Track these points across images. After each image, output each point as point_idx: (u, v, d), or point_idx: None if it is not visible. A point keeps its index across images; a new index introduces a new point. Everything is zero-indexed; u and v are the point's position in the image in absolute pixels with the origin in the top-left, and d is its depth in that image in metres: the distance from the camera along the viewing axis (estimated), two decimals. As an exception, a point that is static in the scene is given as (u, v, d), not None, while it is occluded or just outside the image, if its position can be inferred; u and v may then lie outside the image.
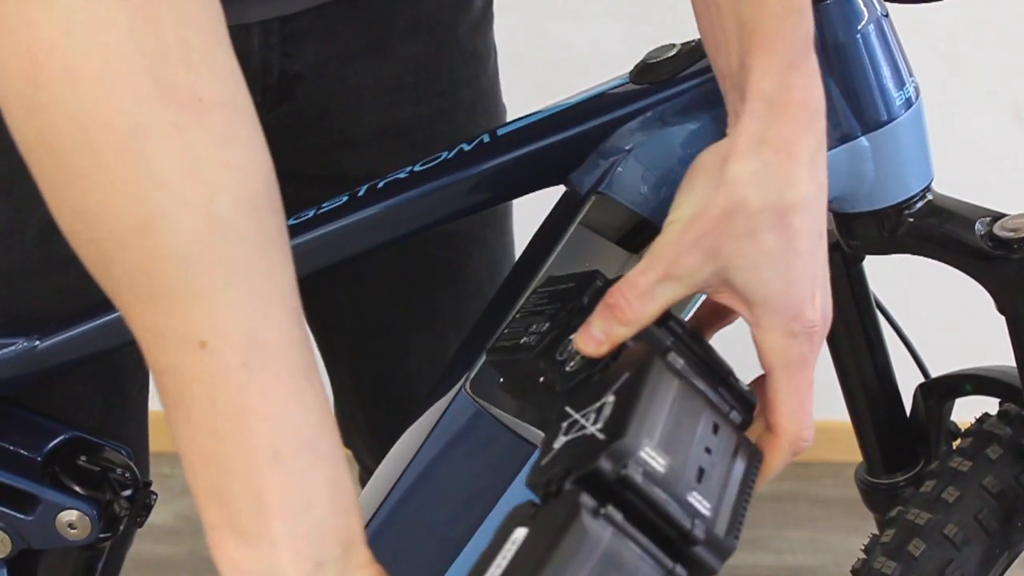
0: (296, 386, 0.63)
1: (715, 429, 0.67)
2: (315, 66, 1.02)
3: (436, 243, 0.98)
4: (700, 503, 0.63)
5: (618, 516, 0.61)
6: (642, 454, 0.61)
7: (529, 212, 0.97)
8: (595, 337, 0.72)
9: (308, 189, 0.94)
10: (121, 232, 0.61)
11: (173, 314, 0.61)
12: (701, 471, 0.64)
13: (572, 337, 0.73)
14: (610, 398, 0.67)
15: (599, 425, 0.65)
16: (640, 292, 0.71)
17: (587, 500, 0.60)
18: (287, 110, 1.02)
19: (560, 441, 0.67)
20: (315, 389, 0.64)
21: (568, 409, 0.68)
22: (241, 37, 0.97)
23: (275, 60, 1.00)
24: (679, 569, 0.62)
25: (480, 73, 1.10)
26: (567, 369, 0.72)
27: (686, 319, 0.80)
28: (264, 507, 0.62)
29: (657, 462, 0.62)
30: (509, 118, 0.93)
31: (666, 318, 0.71)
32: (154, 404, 1.13)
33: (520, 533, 0.61)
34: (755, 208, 0.70)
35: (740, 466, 0.67)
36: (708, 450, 0.65)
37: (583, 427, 0.66)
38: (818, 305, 0.71)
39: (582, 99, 0.91)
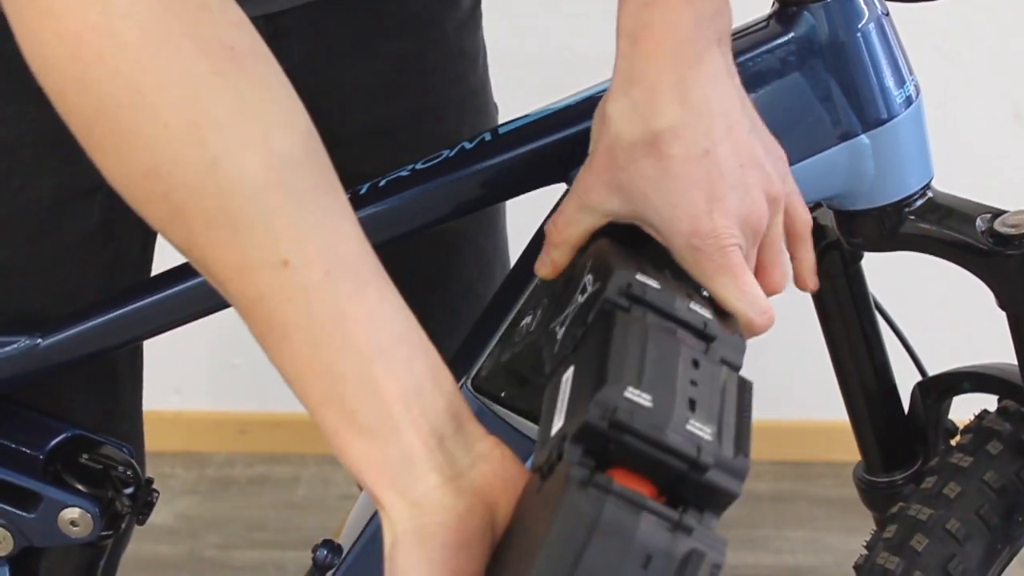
0: (378, 286, 0.68)
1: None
2: (301, 64, 1.02)
3: (426, 242, 0.99)
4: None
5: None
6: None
7: (528, 212, 0.97)
8: (540, 259, 0.82)
9: None
10: (192, 179, 0.66)
11: (253, 243, 0.66)
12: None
13: (566, 311, 0.75)
14: (588, 278, 0.72)
15: (589, 290, 0.70)
16: (565, 219, 0.80)
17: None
18: None
19: (559, 334, 0.71)
20: (392, 289, 0.69)
21: (552, 324, 0.73)
22: None
23: None
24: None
25: (469, 72, 1.10)
26: (557, 338, 0.75)
27: None
28: (382, 399, 0.66)
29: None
30: (510, 118, 0.93)
31: (627, 265, 0.71)
32: (147, 403, 1.14)
33: (567, 374, 0.66)
34: (627, 142, 0.76)
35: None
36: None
37: (573, 308, 0.71)
38: (717, 217, 0.75)
39: (583, 98, 0.91)
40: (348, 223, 0.69)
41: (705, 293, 0.76)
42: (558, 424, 0.64)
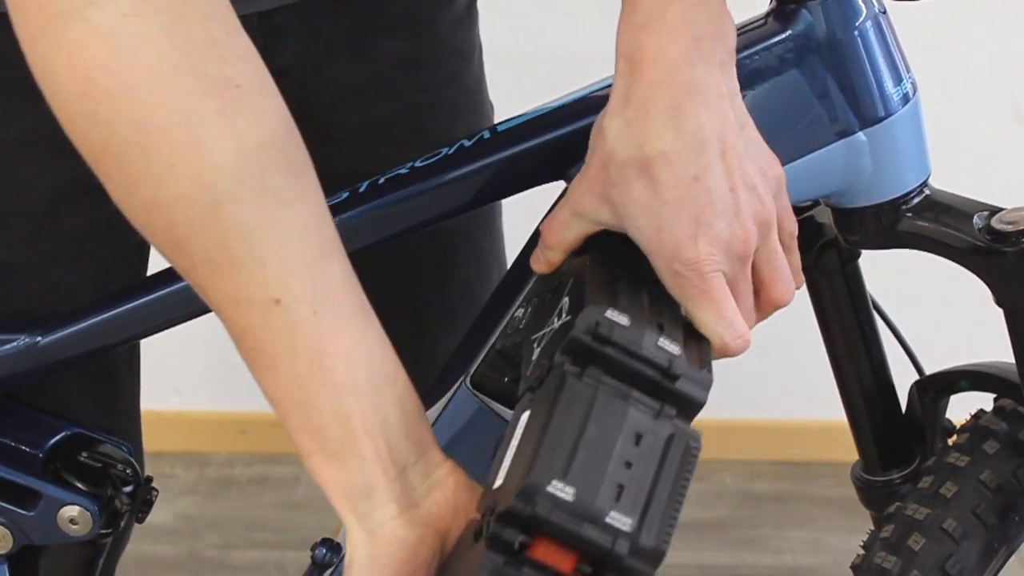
0: (359, 323, 0.73)
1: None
2: (295, 63, 1.02)
3: (424, 242, 0.99)
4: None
5: (601, 374, 0.69)
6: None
7: (525, 211, 0.97)
8: (536, 256, 0.83)
9: None
10: (193, 216, 0.69)
11: (248, 280, 0.70)
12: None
13: (545, 329, 0.78)
14: (565, 300, 0.76)
15: (563, 318, 0.74)
16: (558, 223, 0.81)
17: (571, 367, 0.69)
18: None
19: (535, 352, 0.76)
20: (373, 322, 0.74)
21: (534, 336, 0.77)
22: None
23: None
24: (667, 408, 0.69)
25: (464, 70, 1.10)
26: (532, 357, 0.78)
27: None
28: (351, 431, 0.71)
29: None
30: (507, 116, 0.93)
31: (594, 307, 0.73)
32: (147, 403, 1.14)
33: (523, 416, 0.70)
34: (621, 161, 0.77)
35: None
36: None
37: (550, 329, 0.75)
38: (701, 244, 0.75)
39: (582, 96, 0.91)
40: (336, 261, 0.73)
41: (683, 311, 0.77)
42: (499, 480, 0.69)
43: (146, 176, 0.69)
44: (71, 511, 0.97)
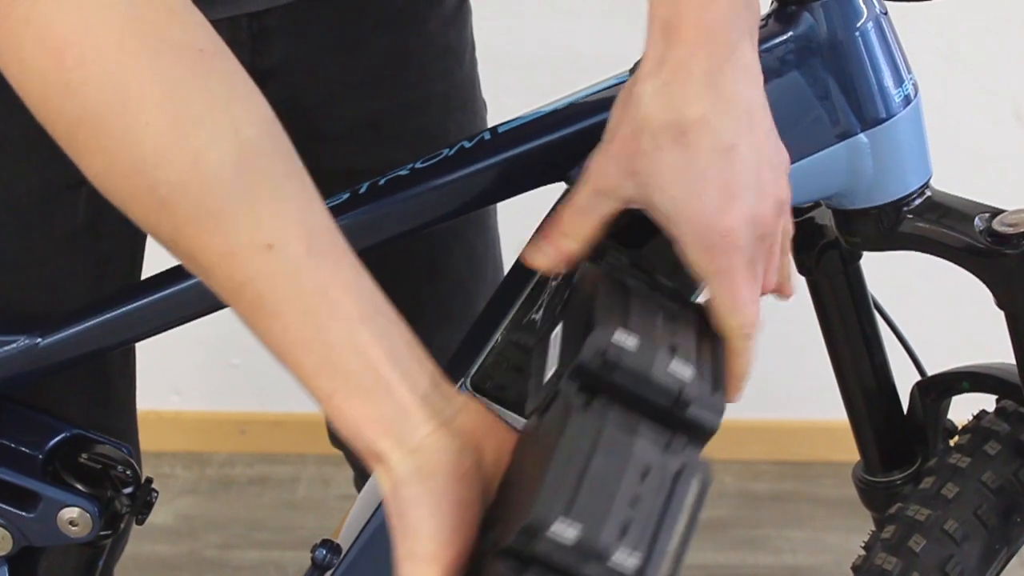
0: (351, 261, 0.73)
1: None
2: (285, 62, 1.02)
3: (417, 240, 0.99)
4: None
5: (608, 404, 0.67)
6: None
7: (524, 212, 0.97)
8: (541, 249, 0.80)
9: None
10: (176, 173, 0.70)
11: (238, 229, 0.70)
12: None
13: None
14: (574, 314, 0.75)
15: (571, 336, 0.73)
16: (577, 207, 0.79)
17: (576, 398, 0.68)
18: None
19: (543, 367, 0.75)
20: (360, 264, 0.74)
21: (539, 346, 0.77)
22: None
23: (245, 56, 1.00)
24: (677, 438, 0.68)
25: (454, 68, 1.10)
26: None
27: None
28: (371, 361, 0.71)
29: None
30: (509, 118, 0.93)
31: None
32: (147, 403, 1.14)
33: (527, 442, 0.71)
34: (657, 126, 0.75)
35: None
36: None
37: (556, 347, 0.74)
38: (736, 214, 0.74)
39: (583, 96, 0.91)
40: (318, 202, 0.74)
41: (697, 299, 0.76)
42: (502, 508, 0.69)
43: (124, 137, 0.70)
44: (71, 512, 0.97)
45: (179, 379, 2.32)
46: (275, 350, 0.72)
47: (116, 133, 0.70)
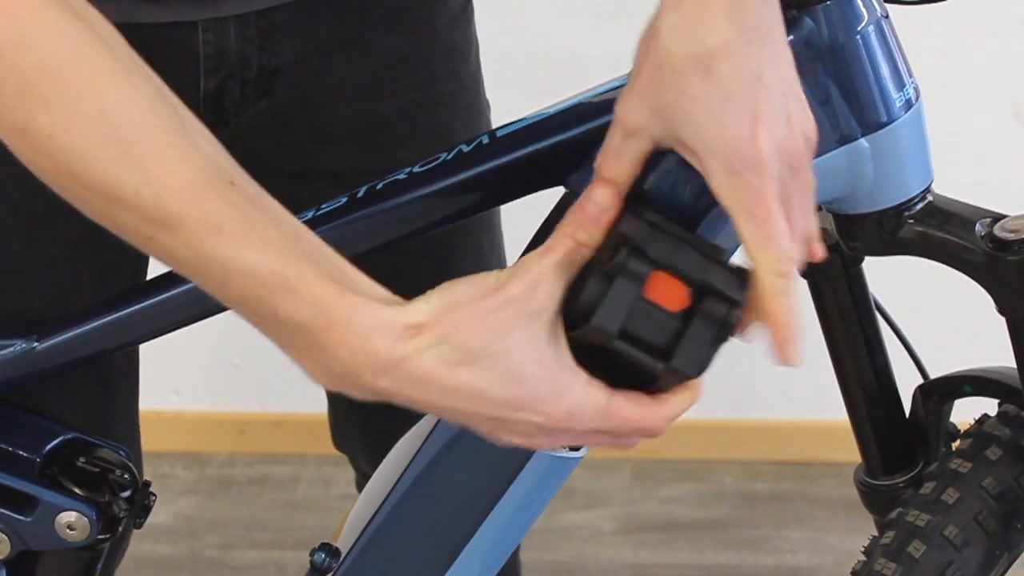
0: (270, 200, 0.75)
1: None
2: (293, 60, 1.02)
3: (424, 240, 0.99)
4: None
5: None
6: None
7: (526, 212, 0.97)
8: (592, 202, 0.79)
9: (290, 185, 0.94)
10: (138, 116, 0.72)
11: (201, 168, 0.72)
12: None
13: None
14: None
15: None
16: (612, 152, 0.79)
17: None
18: (267, 105, 1.02)
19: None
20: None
21: None
22: (218, 31, 0.98)
23: (253, 54, 1.00)
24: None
25: (460, 67, 1.10)
26: None
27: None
28: (344, 271, 0.75)
29: None
30: (509, 119, 0.93)
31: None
32: (147, 403, 1.13)
33: None
34: (679, 58, 0.75)
35: None
36: None
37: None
38: (762, 140, 0.74)
39: (582, 100, 0.90)
40: (204, 135, 0.75)
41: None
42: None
43: (84, 84, 0.71)
44: (68, 517, 0.97)
45: (179, 379, 2.32)
46: (238, 307, 0.74)
47: (76, 80, 0.71)
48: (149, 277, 0.99)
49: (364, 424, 1.21)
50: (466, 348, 0.74)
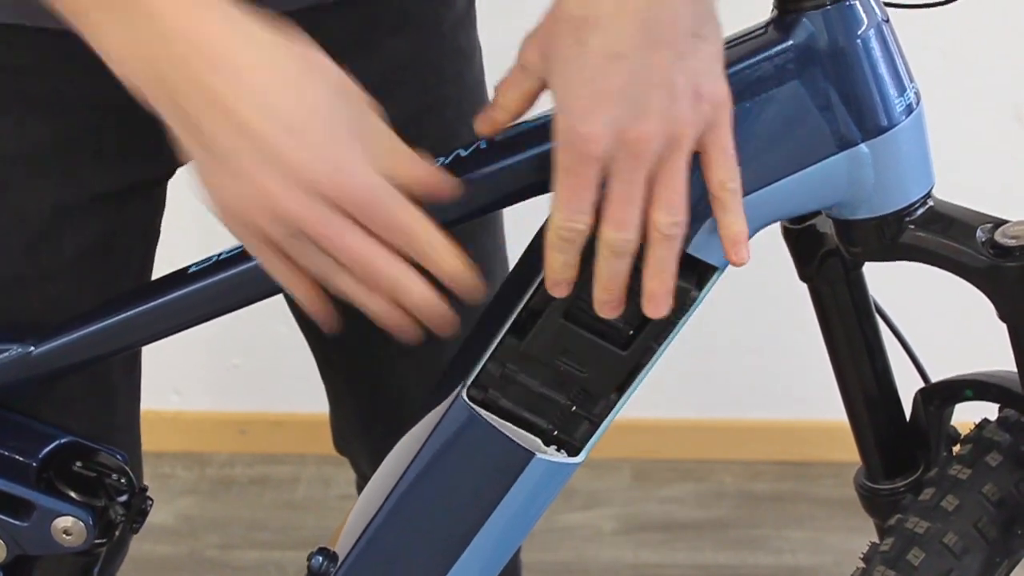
0: None
1: None
2: None
3: None
4: None
5: None
6: None
7: (527, 211, 0.97)
8: (483, 116, 0.86)
9: None
10: None
11: None
12: None
13: None
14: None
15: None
16: (507, 80, 0.84)
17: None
18: None
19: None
20: None
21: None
22: None
23: None
24: None
25: (465, 70, 1.10)
26: None
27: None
28: None
29: None
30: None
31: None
32: (147, 403, 1.13)
33: None
34: (563, 16, 0.78)
35: None
36: None
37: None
38: (598, 124, 0.76)
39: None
40: None
41: None
42: None
43: None
44: (65, 522, 0.96)
45: (179, 379, 2.32)
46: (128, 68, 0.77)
47: None
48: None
49: (366, 427, 1.21)
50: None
